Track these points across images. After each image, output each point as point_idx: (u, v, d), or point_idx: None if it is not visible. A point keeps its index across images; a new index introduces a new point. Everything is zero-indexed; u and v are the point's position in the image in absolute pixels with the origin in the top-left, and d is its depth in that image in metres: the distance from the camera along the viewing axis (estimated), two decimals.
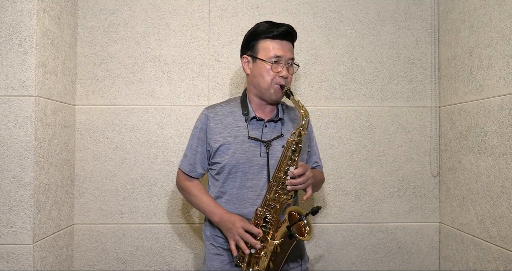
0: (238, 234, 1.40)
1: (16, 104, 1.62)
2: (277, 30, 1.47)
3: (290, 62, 1.50)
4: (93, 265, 2.03)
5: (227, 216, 1.46)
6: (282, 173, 1.41)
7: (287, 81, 1.49)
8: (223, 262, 1.52)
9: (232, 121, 1.53)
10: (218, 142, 1.51)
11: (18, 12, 1.63)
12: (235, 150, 1.49)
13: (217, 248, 1.53)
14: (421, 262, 2.11)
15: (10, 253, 1.61)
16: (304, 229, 1.42)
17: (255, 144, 1.50)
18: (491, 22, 1.68)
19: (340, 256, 2.09)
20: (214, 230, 1.54)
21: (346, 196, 2.10)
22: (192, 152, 1.57)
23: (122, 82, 2.06)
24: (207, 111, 1.56)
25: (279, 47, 1.47)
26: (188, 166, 1.58)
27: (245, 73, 1.57)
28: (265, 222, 1.43)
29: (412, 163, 2.11)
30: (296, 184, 1.40)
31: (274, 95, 1.50)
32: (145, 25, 2.07)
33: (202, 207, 1.54)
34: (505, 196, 1.59)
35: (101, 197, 2.04)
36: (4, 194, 1.62)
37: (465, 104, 1.87)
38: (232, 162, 1.49)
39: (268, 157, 1.49)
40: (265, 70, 1.47)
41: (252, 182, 1.49)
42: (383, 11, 2.13)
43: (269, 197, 1.43)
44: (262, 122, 1.53)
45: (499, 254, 1.63)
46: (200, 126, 1.56)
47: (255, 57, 1.50)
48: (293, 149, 1.41)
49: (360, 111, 2.11)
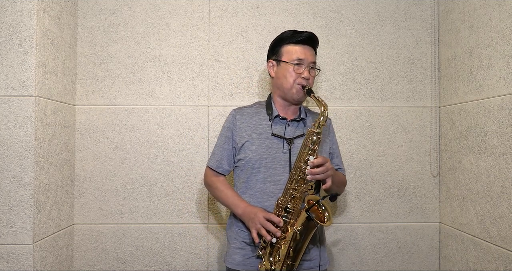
0: (260, 222, 1.46)
1: (16, 104, 1.62)
2: (300, 36, 1.58)
3: (311, 65, 1.59)
4: (93, 265, 2.04)
5: (249, 208, 1.53)
6: (303, 162, 1.47)
7: (309, 82, 1.58)
8: (245, 256, 1.56)
9: (257, 120, 1.63)
10: (243, 139, 1.60)
11: (18, 12, 1.63)
12: (258, 146, 1.57)
13: (239, 242, 1.58)
14: (421, 262, 2.11)
15: (10, 253, 1.61)
16: (323, 215, 1.46)
17: (278, 140, 1.58)
18: (491, 22, 1.68)
19: (340, 256, 2.09)
20: (238, 224, 1.60)
21: (346, 196, 2.10)
22: (219, 149, 1.66)
23: (122, 82, 2.06)
24: (235, 112, 1.67)
25: (301, 51, 1.57)
26: (215, 162, 1.66)
27: (270, 76, 1.67)
28: (286, 212, 1.48)
29: (412, 163, 2.11)
30: (316, 173, 1.45)
31: (296, 95, 1.58)
32: (145, 25, 2.07)
33: (227, 200, 1.61)
34: (505, 196, 1.59)
35: (101, 197, 2.04)
36: (4, 194, 1.62)
37: (465, 104, 1.87)
38: (255, 157, 1.57)
39: (290, 153, 1.56)
40: (288, 72, 1.57)
41: (274, 177, 1.56)
42: (383, 11, 2.13)
43: (290, 186, 1.48)
44: (285, 121, 1.62)
45: (499, 254, 1.63)
46: (227, 125, 1.66)
47: (279, 60, 1.60)
48: (313, 139, 1.47)
49: (360, 111, 2.11)
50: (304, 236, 1.44)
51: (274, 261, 1.47)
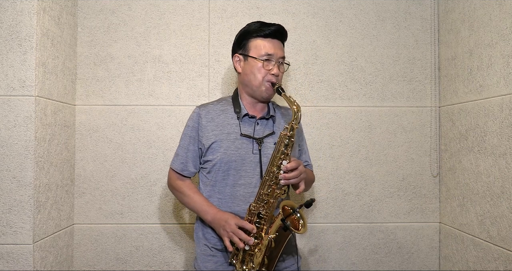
0: (231, 230, 1.39)
1: (16, 104, 1.62)
2: (268, 29, 1.49)
3: (280, 60, 1.51)
4: (93, 265, 2.04)
5: (219, 214, 1.45)
6: (275, 167, 1.41)
7: (278, 79, 1.50)
8: (217, 263, 1.50)
9: (224, 119, 1.53)
10: (210, 140, 1.50)
11: (18, 12, 1.63)
12: (227, 147, 1.49)
13: (210, 249, 1.51)
14: (421, 262, 2.11)
15: (10, 253, 1.61)
16: (298, 222, 1.42)
17: (247, 141, 1.50)
18: (491, 22, 1.68)
19: (340, 256, 2.09)
20: (206, 230, 1.53)
21: (346, 196, 2.10)
22: (184, 151, 1.55)
23: (122, 82, 2.06)
24: (199, 109, 1.56)
25: (270, 46, 1.48)
26: (179, 165, 1.56)
27: (236, 72, 1.57)
28: (259, 217, 1.42)
29: (412, 163, 2.11)
30: (289, 178, 1.39)
31: (265, 93, 1.51)
32: (145, 25, 2.07)
33: (194, 206, 1.52)
34: (505, 196, 1.59)
35: (101, 197, 2.04)
36: (4, 194, 1.62)
37: (465, 104, 1.87)
38: (224, 159, 1.48)
39: (261, 154, 1.49)
40: (256, 68, 1.48)
41: (245, 180, 1.48)
42: (383, 11, 2.13)
43: (263, 192, 1.42)
44: (254, 120, 1.54)
45: (499, 254, 1.63)
46: (191, 124, 1.55)
47: (247, 55, 1.51)
48: (286, 143, 1.41)
49: (360, 111, 2.11)
50: (279, 244, 1.40)
51: (248, 268, 1.41)
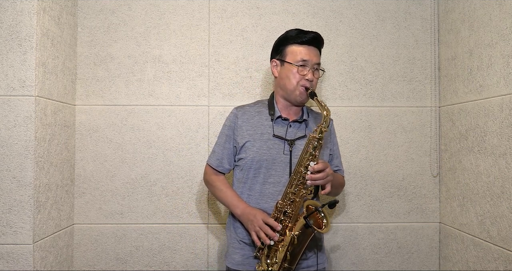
0: (259, 225, 1.47)
1: (16, 104, 1.62)
2: (305, 36, 1.56)
3: (315, 66, 1.57)
4: (93, 265, 2.04)
5: (248, 209, 1.54)
6: (303, 167, 1.47)
7: (312, 84, 1.56)
8: (244, 256, 1.57)
9: (259, 120, 1.61)
10: (244, 139, 1.59)
11: (18, 12, 1.63)
12: (260, 147, 1.57)
13: (238, 242, 1.59)
14: (421, 262, 2.11)
15: (10, 253, 1.61)
16: (322, 221, 1.47)
17: (279, 142, 1.57)
18: (491, 22, 1.68)
19: (340, 256, 2.09)
20: (236, 225, 1.61)
21: (346, 196, 2.10)
22: (220, 148, 1.65)
23: (122, 82, 2.06)
24: (236, 110, 1.65)
25: (306, 52, 1.55)
26: (215, 161, 1.65)
27: (273, 76, 1.65)
28: (284, 215, 1.49)
29: (412, 163, 2.11)
30: (316, 179, 1.45)
31: (299, 97, 1.57)
32: (145, 25, 2.07)
33: (226, 200, 1.61)
34: (505, 196, 1.59)
35: (101, 197, 2.04)
36: (4, 194, 1.62)
37: (465, 104, 1.87)
38: (256, 158, 1.56)
39: (291, 155, 1.55)
40: (292, 73, 1.55)
41: (274, 178, 1.56)
42: (383, 11, 2.13)
43: (290, 191, 1.48)
44: (287, 122, 1.61)
45: (499, 254, 1.63)
46: (228, 124, 1.64)
47: (283, 60, 1.58)
48: (314, 145, 1.47)
49: (360, 111, 2.11)
50: (302, 241, 1.46)
51: (271, 262, 1.48)
